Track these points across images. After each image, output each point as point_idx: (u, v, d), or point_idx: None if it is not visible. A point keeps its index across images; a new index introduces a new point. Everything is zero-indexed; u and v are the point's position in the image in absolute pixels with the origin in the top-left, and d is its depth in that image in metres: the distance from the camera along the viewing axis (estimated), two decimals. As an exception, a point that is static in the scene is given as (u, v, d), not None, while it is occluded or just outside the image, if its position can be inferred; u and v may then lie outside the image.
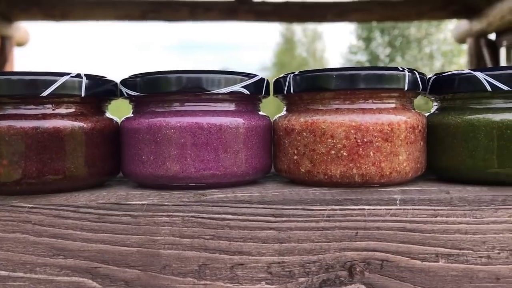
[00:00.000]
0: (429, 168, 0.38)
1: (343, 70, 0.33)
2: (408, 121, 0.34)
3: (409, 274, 0.33)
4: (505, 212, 0.33)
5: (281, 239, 0.33)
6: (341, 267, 0.33)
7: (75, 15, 3.46)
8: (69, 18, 3.47)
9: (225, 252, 0.33)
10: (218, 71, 0.34)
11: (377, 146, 0.33)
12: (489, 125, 0.33)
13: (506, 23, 3.05)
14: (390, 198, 0.33)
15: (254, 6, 3.47)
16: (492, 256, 0.33)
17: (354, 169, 0.33)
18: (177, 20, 3.61)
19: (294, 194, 0.33)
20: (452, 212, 0.33)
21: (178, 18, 3.56)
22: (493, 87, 0.33)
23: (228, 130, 0.33)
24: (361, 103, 0.34)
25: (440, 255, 0.33)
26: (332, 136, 0.33)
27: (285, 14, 3.57)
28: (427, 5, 3.45)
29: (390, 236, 0.33)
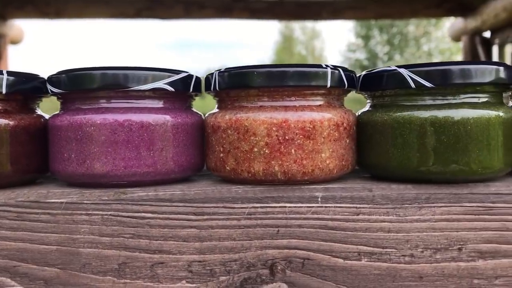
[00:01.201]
0: (361, 166, 0.37)
1: (265, 67, 0.33)
2: (332, 119, 0.33)
3: (331, 272, 0.32)
4: (429, 210, 0.32)
5: (202, 237, 0.32)
6: (262, 266, 0.32)
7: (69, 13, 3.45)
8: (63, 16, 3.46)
9: (145, 250, 0.32)
10: (141, 68, 0.33)
11: (298, 143, 0.32)
12: (413, 122, 0.33)
13: (500, 21, 3.04)
14: (312, 196, 0.33)
15: (249, 4, 3.46)
16: (415, 254, 0.32)
17: (276, 167, 0.33)
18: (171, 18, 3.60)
19: (216, 192, 0.33)
20: (374, 210, 0.32)
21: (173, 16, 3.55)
22: (416, 84, 0.33)
23: (150, 127, 0.33)
24: (284, 100, 0.33)
25: (363, 254, 0.32)
26: (255, 134, 0.33)
27: (280, 12, 3.56)
28: (422, 3, 3.44)
29: (312, 234, 0.32)
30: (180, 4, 3.40)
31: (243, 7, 3.45)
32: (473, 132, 0.32)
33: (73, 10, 3.42)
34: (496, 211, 0.32)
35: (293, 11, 3.54)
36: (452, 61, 0.33)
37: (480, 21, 3.25)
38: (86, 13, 3.47)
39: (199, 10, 3.45)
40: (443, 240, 0.32)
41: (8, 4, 3.20)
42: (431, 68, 0.33)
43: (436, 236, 0.32)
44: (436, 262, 0.32)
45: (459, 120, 0.32)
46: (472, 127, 0.32)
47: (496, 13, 3.01)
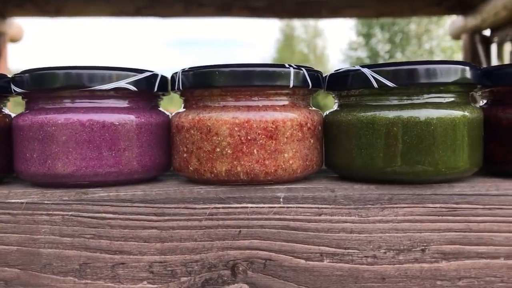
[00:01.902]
0: (328, 166, 0.37)
1: (227, 67, 0.32)
2: (295, 119, 0.33)
3: (293, 273, 0.32)
4: (391, 211, 0.32)
5: (163, 238, 0.32)
6: (224, 266, 0.32)
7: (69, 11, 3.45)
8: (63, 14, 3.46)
9: (106, 251, 0.32)
10: (103, 67, 0.33)
11: (261, 143, 0.32)
12: (376, 123, 0.33)
13: (500, 19, 3.03)
14: (274, 196, 0.32)
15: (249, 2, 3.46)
16: (378, 255, 0.32)
17: (239, 167, 0.32)
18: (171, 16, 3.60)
19: (178, 192, 0.33)
20: (336, 210, 0.32)
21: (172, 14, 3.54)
22: (379, 84, 0.33)
23: (112, 127, 0.33)
24: (247, 100, 0.33)
25: (325, 254, 0.32)
26: (217, 134, 0.32)
27: (280, 10, 3.56)
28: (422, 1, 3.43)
29: (274, 235, 0.32)
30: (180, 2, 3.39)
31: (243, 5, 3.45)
32: (436, 132, 0.32)
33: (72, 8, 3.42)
34: (460, 212, 0.32)
35: (292, 9, 3.53)
36: (416, 61, 0.33)
37: (480, 19, 3.24)
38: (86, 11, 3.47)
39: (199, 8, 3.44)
40: (406, 241, 0.32)
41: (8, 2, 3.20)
42: (394, 68, 0.32)
43: (399, 237, 0.32)
44: (399, 263, 0.32)
45: (422, 120, 0.32)
46: (436, 127, 0.32)
47: (496, 11, 3.00)
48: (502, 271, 0.32)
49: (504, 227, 0.32)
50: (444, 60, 0.33)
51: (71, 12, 3.44)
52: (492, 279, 0.32)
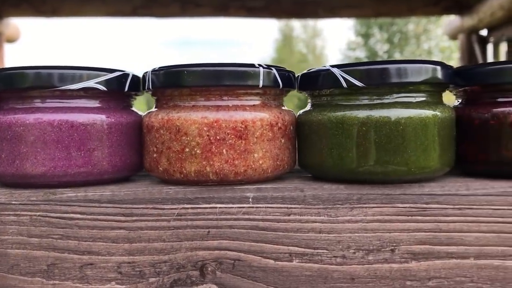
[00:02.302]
0: (300, 166, 0.37)
1: (196, 67, 0.32)
2: (265, 118, 0.33)
3: (262, 273, 0.32)
4: (360, 211, 0.32)
5: (132, 238, 0.32)
6: (192, 267, 0.32)
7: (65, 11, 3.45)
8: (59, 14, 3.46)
9: (74, 251, 0.32)
10: (72, 67, 0.33)
11: (230, 143, 0.32)
12: (346, 122, 0.33)
13: (496, 19, 3.04)
14: (243, 196, 0.32)
15: (245, 2, 3.46)
16: (347, 255, 0.32)
17: (208, 167, 0.32)
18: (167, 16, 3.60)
19: (146, 193, 0.33)
20: (306, 210, 0.32)
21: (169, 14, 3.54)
22: (348, 84, 0.32)
23: (81, 127, 0.33)
24: (217, 100, 0.33)
25: (294, 255, 0.32)
26: (186, 134, 0.32)
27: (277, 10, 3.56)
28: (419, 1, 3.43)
29: (243, 235, 0.32)
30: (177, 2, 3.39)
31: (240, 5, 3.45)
32: (406, 132, 0.32)
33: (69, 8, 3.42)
34: (430, 212, 0.32)
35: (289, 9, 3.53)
36: (385, 60, 0.33)
37: (476, 19, 3.25)
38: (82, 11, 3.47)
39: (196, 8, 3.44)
40: (375, 241, 0.32)
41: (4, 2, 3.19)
42: (362, 68, 0.32)
43: (368, 237, 0.32)
44: (368, 263, 0.32)
45: (392, 120, 0.32)
46: (405, 126, 0.32)
47: (493, 11, 3.00)
48: (472, 271, 0.32)
49: (474, 227, 0.32)
50: (415, 59, 0.33)
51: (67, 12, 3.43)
52: (462, 279, 0.32)
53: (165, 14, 3.49)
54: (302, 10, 3.58)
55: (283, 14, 3.76)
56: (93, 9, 3.43)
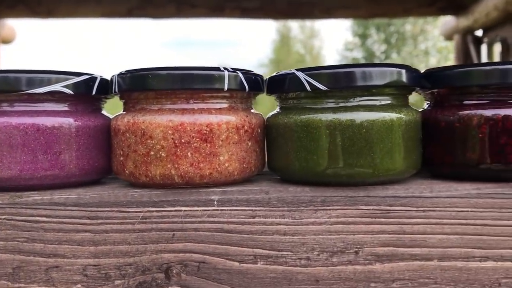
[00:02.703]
0: (269, 169, 0.37)
1: (161, 70, 0.33)
2: (231, 122, 0.33)
3: (227, 276, 0.32)
4: (324, 213, 0.32)
5: (97, 241, 0.32)
6: (157, 269, 0.32)
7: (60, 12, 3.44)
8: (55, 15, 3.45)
9: (39, 254, 0.32)
10: (38, 71, 0.33)
11: (195, 146, 0.32)
12: (310, 125, 0.33)
13: (491, 20, 3.04)
14: (208, 199, 0.32)
15: (241, 3, 3.46)
16: (311, 257, 0.32)
17: (173, 170, 0.32)
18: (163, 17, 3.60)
19: (112, 196, 0.33)
20: (270, 213, 0.32)
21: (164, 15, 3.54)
22: (312, 87, 0.33)
23: (47, 130, 0.33)
24: (182, 103, 0.33)
25: (259, 257, 0.32)
26: (151, 137, 0.32)
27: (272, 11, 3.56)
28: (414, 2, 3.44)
29: (208, 238, 0.32)
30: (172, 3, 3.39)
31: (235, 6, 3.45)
32: (369, 135, 0.32)
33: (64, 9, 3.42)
34: (393, 214, 0.32)
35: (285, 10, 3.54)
36: (350, 64, 0.33)
37: (472, 20, 3.25)
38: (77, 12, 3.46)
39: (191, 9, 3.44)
40: (339, 243, 0.32)
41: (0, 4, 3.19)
42: (326, 71, 0.32)
43: (332, 239, 0.32)
44: (332, 265, 0.32)
45: (355, 123, 0.32)
46: (368, 129, 0.32)
47: (488, 12, 3.01)
48: (436, 272, 0.32)
49: (438, 229, 0.32)
50: (379, 63, 0.33)
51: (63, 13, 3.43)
52: (425, 281, 0.32)
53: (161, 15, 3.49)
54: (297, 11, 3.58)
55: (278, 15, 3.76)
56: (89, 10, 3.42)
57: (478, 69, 0.34)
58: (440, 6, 3.45)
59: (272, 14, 3.64)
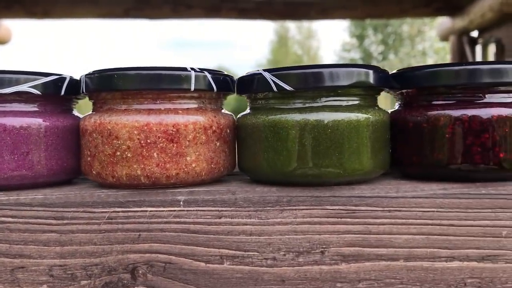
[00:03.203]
0: (240, 169, 0.37)
1: (127, 70, 0.33)
2: (198, 122, 0.33)
3: (193, 276, 0.32)
4: (291, 213, 0.32)
5: (63, 241, 0.32)
6: (123, 270, 0.32)
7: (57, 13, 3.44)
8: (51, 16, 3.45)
9: (5, 255, 0.32)
10: (4, 71, 0.33)
11: (161, 147, 0.32)
12: (277, 125, 0.33)
13: (487, 20, 3.05)
14: (174, 199, 0.32)
15: (237, 4, 3.46)
16: (277, 258, 0.32)
17: (139, 171, 0.32)
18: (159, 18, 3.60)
19: (78, 196, 0.33)
20: (236, 213, 0.32)
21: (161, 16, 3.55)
22: (278, 88, 0.33)
23: (14, 131, 0.33)
24: (149, 103, 0.33)
25: (225, 257, 0.32)
26: (117, 137, 0.32)
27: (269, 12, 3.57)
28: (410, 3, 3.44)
29: (174, 238, 0.32)
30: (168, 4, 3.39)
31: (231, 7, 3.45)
32: (335, 135, 0.32)
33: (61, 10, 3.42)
34: (359, 214, 0.32)
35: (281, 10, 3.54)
36: (316, 65, 0.33)
37: (467, 20, 3.26)
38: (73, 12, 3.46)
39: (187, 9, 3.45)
40: (305, 243, 0.32)
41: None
42: (292, 72, 0.32)
43: (298, 239, 0.32)
44: (298, 265, 0.32)
45: (320, 123, 0.32)
46: (333, 130, 0.32)
47: (483, 12, 3.02)
48: (402, 273, 0.32)
49: (403, 229, 0.32)
50: (347, 63, 0.33)
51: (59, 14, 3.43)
52: (392, 281, 0.32)
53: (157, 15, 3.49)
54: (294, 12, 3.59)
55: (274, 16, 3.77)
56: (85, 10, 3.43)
57: (445, 69, 0.34)
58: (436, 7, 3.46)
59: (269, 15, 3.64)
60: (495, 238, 0.33)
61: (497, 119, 0.33)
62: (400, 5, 3.52)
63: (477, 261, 0.32)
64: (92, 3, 3.39)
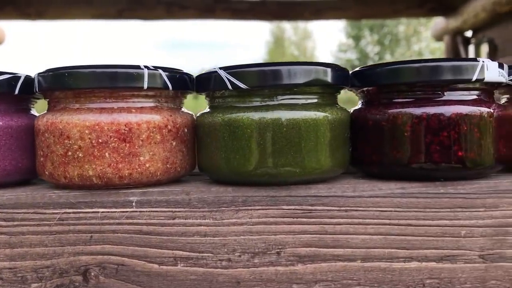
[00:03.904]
0: (199, 169, 0.37)
1: (77, 68, 0.32)
2: (152, 121, 0.32)
3: (146, 278, 0.32)
4: (246, 213, 0.32)
5: (13, 243, 0.32)
6: (75, 272, 0.32)
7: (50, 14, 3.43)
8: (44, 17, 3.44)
9: (-47, 257, 0.31)
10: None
11: (113, 146, 0.32)
12: (232, 124, 0.32)
13: (480, 20, 3.05)
14: (127, 200, 0.32)
15: (231, 4, 3.46)
16: (232, 259, 0.32)
17: (90, 171, 0.32)
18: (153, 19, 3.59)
19: (29, 197, 0.32)
20: (191, 214, 0.32)
21: (155, 17, 3.54)
22: (233, 86, 0.32)
23: (-36, 131, 0.32)
24: (101, 102, 0.33)
25: (179, 259, 0.32)
26: (68, 137, 0.32)
27: (262, 12, 3.56)
28: (404, 3, 3.44)
29: (126, 240, 0.32)
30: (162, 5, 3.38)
31: (225, 8, 3.44)
32: (290, 134, 0.31)
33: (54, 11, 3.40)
34: (315, 214, 0.32)
35: (275, 11, 3.54)
36: (273, 62, 0.32)
37: (461, 20, 3.26)
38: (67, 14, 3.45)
39: (181, 10, 3.44)
40: (260, 244, 0.32)
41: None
42: (247, 70, 0.32)
43: (253, 240, 0.32)
44: (254, 266, 0.32)
45: (276, 122, 0.31)
46: (289, 128, 0.31)
47: (476, 12, 3.02)
48: (359, 273, 0.32)
49: (360, 229, 0.32)
50: (303, 61, 0.33)
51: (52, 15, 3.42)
52: (349, 282, 0.32)
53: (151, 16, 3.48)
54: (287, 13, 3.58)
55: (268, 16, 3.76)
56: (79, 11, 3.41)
57: (404, 66, 0.33)
58: (429, 7, 3.46)
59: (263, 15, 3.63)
60: (454, 238, 0.32)
61: (456, 117, 0.32)
62: (394, 6, 3.52)
63: (435, 261, 0.32)
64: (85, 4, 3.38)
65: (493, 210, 0.32)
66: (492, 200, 0.32)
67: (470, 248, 0.32)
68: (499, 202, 0.32)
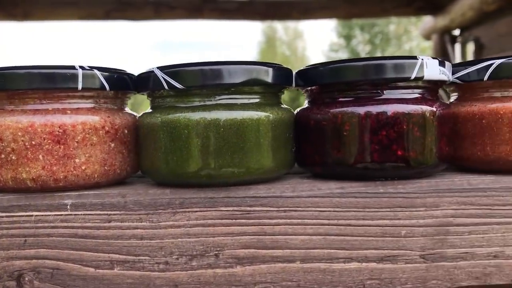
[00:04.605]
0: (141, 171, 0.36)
1: (8, 69, 0.31)
2: (87, 122, 0.32)
3: (82, 282, 0.31)
4: (183, 215, 0.31)
5: None
6: (9, 277, 0.31)
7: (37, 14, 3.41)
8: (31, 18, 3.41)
9: None
10: None
11: (47, 149, 0.31)
12: (169, 125, 0.32)
13: (467, 19, 3.07)
14: (61, 203, 0.31)
15: (219, 4, 3.45)
16: (170, 262, 0.31)
17: (24, 174, 0.31)
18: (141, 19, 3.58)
19: (-39, 201, 0.32)
20: (127, 216, 0.31)
21: (143, 17, 3.52)
22: (169, 86, 0.32)
23: None
24: (35, 104, 0.32)
25: (115, 262, 0.31)
26: (1, 139, 0.31)
27: (250, 12, 3.56)
28: (392, 2, 3.45)
29: (61, 243, 0.31)
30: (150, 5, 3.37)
31: (213, 8, 3.44)
32: (227, 134, 0.31)
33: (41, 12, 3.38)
34: (254, 215, 0.31)
35: (263, 11, 3.53)
36: (211, 62, 0.32)
37: (448, 19, 3.28)
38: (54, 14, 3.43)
39: (169, 11, 3.43)
40: (199, 246, 0.31)
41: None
42: (183, 69, 0.31)
43: (191, 242, 0.31)
44: (192, 269, 0.31)
45: (213, 122, 0.31)
46: (226, 128, 0.31)
47: (463, 11, 3.04)
48: (299, 275, 0.32)
49: (300, 230, 0.32)
50: (243, 61, 0.32)
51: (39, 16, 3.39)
52: (288, 284, 0.32)
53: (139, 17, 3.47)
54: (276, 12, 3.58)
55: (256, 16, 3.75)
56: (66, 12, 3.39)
57: (344, 65, 0.33)
58: (418, 6, 3.47)
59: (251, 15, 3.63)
60: (394, 238, 0.32)
61: (395, 116, 0.32)
62: (382, 5, 3.53)
63: (376, 261, 0.32)
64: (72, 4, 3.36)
65: (433, 209, 0.32)
66: (433, 199, 0.32)
67: (411, 248, 0.32)
68: (439, 202, 0.32)
